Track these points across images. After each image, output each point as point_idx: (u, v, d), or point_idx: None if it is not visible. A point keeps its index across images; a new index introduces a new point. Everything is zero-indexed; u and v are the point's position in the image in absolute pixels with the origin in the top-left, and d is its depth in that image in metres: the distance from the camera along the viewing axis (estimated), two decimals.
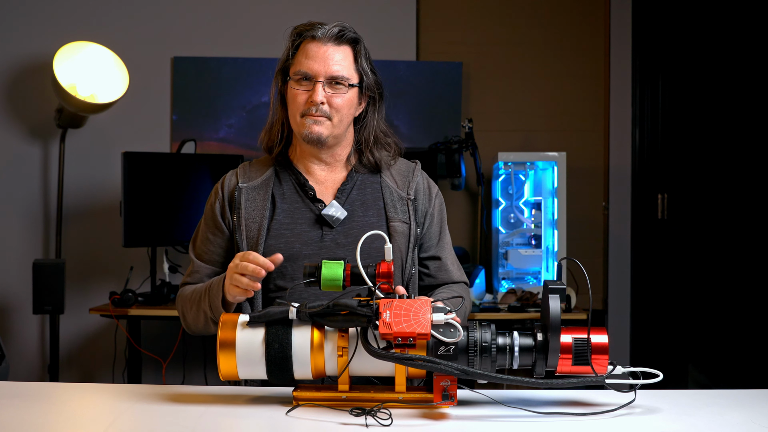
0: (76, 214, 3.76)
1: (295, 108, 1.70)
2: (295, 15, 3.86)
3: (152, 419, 1.31)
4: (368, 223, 1.71)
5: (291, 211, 1.71)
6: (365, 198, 1.75)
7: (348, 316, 1.30)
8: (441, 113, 3.85)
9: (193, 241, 1.80)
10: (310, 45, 1.69)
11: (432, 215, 1.79)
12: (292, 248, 1.67)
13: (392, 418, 1.25)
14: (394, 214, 1.73)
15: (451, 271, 1.81)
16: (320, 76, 1.67)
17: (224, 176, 1.78)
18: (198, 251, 1.76)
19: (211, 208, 1.76)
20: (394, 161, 1.81)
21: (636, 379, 1.34)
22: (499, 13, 3.94)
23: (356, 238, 1.66)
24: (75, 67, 3.44)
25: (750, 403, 1.42)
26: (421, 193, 1.79)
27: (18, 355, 3.71)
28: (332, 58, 1.68)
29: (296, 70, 1.69)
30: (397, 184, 1.77)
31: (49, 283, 3.17)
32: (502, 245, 3.58)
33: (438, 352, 1.30)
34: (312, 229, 1.70)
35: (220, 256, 1.74)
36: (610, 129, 3.92)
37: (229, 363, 1.33)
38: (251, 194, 1.72)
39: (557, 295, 1.31)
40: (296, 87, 1.69)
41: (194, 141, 3.75)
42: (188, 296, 1.70)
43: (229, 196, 1.74)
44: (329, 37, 1.69)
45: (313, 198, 1.72)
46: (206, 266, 1.74)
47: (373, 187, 1.76)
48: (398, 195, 1.76)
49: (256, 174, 1.75)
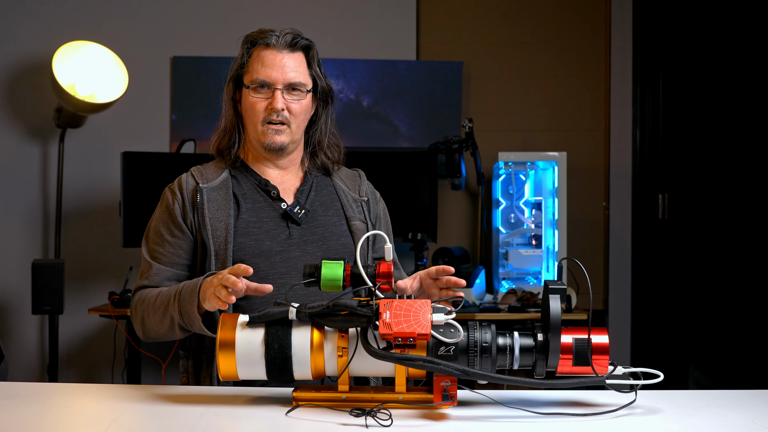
0: (76, 214, 3.76)
1: (254, 116, 1.73)
2: (295, 15, 3.88)
3: (152, 420, 1.31)
4: (330, 222, 1.76)
5: (255, 210, 1.73)
6: (323, 199, 1.79)
7: (348, 316, 1.29)
8: (441, 113, 3.85)
9: (145, 243, 1.77)
10: (265, 53, 1.73)
11: (379, 217, 1.87)
12: (262, 245, 1.69)
13: (392, 418, 1.25)
14: (352, 213, 1.79)
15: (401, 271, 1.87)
16: (278, 83, 1.71)
17: (178, 178, 1.78)
18: (154, 254, 1.73)
19: (168, 209, 1.74)
20: (338, 167, 1.87)
21: (637, 380, 1.34)
22: (500, 12, 3.93)
23: (322, 236, 1.73)
24: (74, 67, 3.44)
25: (751, 403, 1.42)
26: (370, 196, 1.86)
27: (17, 355, 3.70)
28: (288, 65, 1.72)
29: (253, 78, 1.72)
30: (348, 187, 1.84)
31: (49, 284, 3.16)
32: (503, 245, 3.57)
33: (438, 352, 1.30)
34: (278, 226, 1.72)
35: (182, 258, 1.72)
36: (611, 129, 3.91)
37: (229, 363, 1.33)
38: (212, 194, 1.72)
39: (558, 296, 1.31)
40: (255, 95, 1.72)
41: (194, 141, 3.75)
42: (151, 301, 1.65)
43: (190, 197, 1.72)
44: (284, 44, 1.72)
45: (276, 197, 1.75)
46: (165, 268, 1.72)
47: (327, 189, 1.82)
48: (352, 197, 1.82)
49: (213, 175, 1.76)
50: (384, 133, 3.81)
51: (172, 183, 1.79)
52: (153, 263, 1.73)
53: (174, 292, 1.61)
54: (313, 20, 3.69)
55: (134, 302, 1.72)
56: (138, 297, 1.72)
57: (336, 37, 3.77)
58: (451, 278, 1.56)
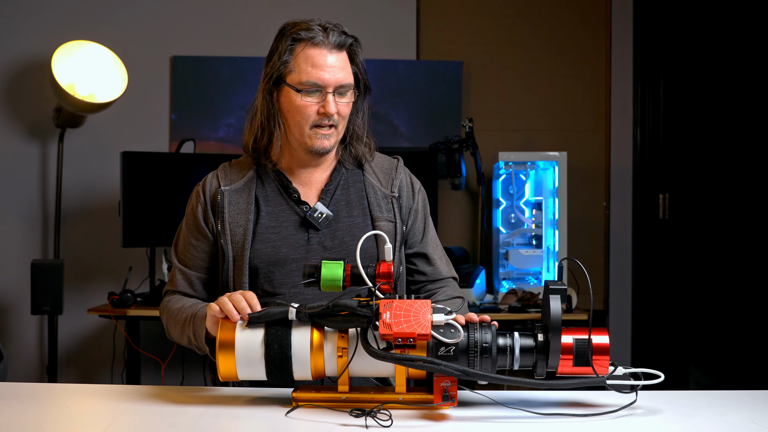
0: (75, 214, 3.75)
1: (302, 119, 1.63)
2: (295, 14, 3.86)
3: (151, 420, 1.31)
4: (354, 223, 1.69)
5: (276, 214, 1.68)
6: (350, 198, 1.72)
7: (348, 316, 1.29)
8: (441, 113, 3.85)
9: (174, 245, 1.76)
10: (313, 52, 1.62)
11: (416, 211, 1.77)
12: (279, 253, 1.65)
13: (392, 419, 1.25)
14: (379, 213, 1.70)
15: (439, 266, 1.79)
16: (330, 86, 1.62)
17: (204, 178, 1.74)
18: (181, 256, 1.72)
19: (193, 212, 1.72)
20: (373, 156, 1.78)
21: (637, 380, 1.34)
22: (500, 12, 3.93)
23: (342, 240, 1.66)
24: (73, 67, 3.44)
25: (752, 404, 1.42)
26: (405, 189, 1.76)
27: (16, 355, 3.70)
28: (337, 65, 1.63)
29: (303, 80, 1.62)
30: (380, 181, 1.74)
31: (48, 284, 3.16)
32: (503, 245, 3.57)
33: (438, 352, 1.30)
34: (298, 232, 1.67)
35: (205, 261, 1.71)
36: (611, 128, 3.91)
37: (228, 364, 1.32)
38: (234, 197, 1.68)
39: (558, 296, 1.31)
40: (307, 99, 1.62)
41: (193, 141, 3.74)
42: (174, 314, 1.64)
43: (211, 200, 1.69)
44: (333, 44, 1.63)
45: (297, 200, 1.69)
46: (191, 272, 1.71)
47: (356, 186, 1.73)
48: (382, 193, 1.73)
49: (237, 176, 1.71)
50: (384, 132, 3.81)
51: (199, 182, 1.74)
52: (179, 266, 1.72)
53: (191, 314, 1.58)
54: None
55: (162, 306, 1.72)
56: (164, 304, 1.71)
57: None
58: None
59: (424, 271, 1.77)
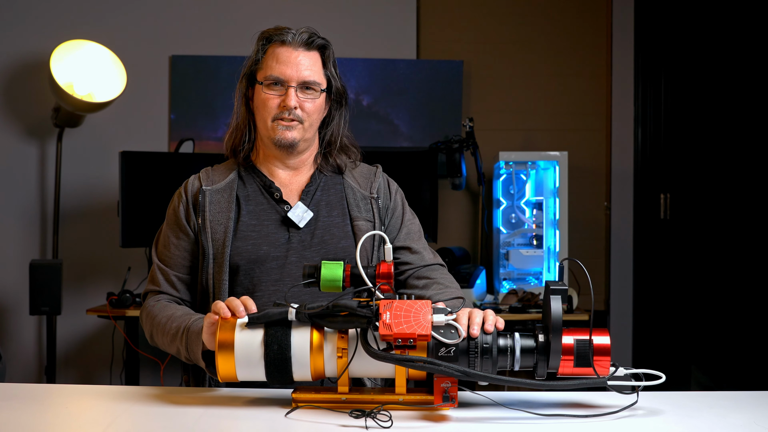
0: (74, 214, 3.75)
1: (266, 112, 1.71)
2: (294, 13, 3.87)
3: (150, 421, 1.30)
4: (333, 223, 1.73)
5: (256, 213, 1.71)
6: (329, 198, 1.76)
7: (348, 317, 1.29)
8: (441, 112, 3.84)
9: (155, 245, 1.78)
10: (280, 50, 1.70)
11: (393, 209, 1.82)
12: (259, 250, 1.67)
13: (392, 420, 1.25)
14: (357, 213, 1.75)
15: (423, 254, 1.81)
16: (292, 80, 1.69)
17: (186, 180, 1.78)
18: (162, 256, 1.74)
19: (174, 211, 1.75)
20: (356, 165, 1.84)
21: (638, 381, 1.34)
22: (501, 11, 3.93)
23: (322, 239, 1.70)
24: (72, 66, 3.43)
25: (753, 405, 1.42)
26: (383, 191, 1.82)
27: (15, 356, 3.70)
28: (303, 63, 1.70)
29: (267, 74, 1.70)
30: (359, 184, 1.80)
31: (46, 284, 3.15)
32: (503, 245, 3.57)
33: (438, 353, 1.29)
34: (278, 230, 1.70)
35: (186, 260, 1.72)
36: (612, 128, 3.91)
37: (228, 364, 1.32)
38: (215, 197, 1.72)
39: (559, 296, 1.31)
40: (268, 92, 1.70)
41: (192, 140, 3.74)
42: (161, 322, 1.61)
43: (193, 199, 1.73)
44: (299, 42, 1.71)
45: (278, 200, 1.73)
46: (171, 271, 1.71)
47: (336, 188, 1.78)
48: (361, 194, 1.78)
49: (219, 177, 1.75)
50: (384, 132, 3.80)
51: (181, 185, 1.79)
52: (160, 264, 1.73)
53: (183, 327, 1.56)
54: (313, 19, 3.64)
55: (144, 311, 1.70)
56: (147, 310, 1.69)
57: (336, 36, 3.71)
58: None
59: (407, 261, 1.79)
